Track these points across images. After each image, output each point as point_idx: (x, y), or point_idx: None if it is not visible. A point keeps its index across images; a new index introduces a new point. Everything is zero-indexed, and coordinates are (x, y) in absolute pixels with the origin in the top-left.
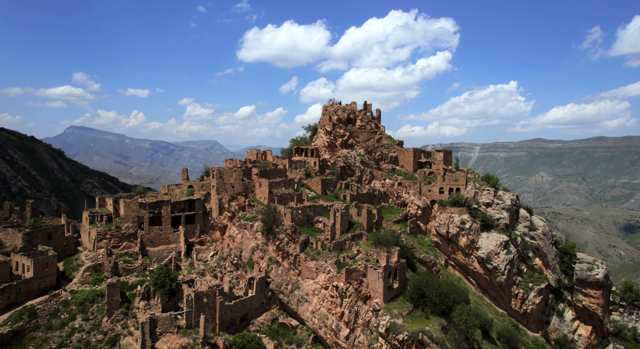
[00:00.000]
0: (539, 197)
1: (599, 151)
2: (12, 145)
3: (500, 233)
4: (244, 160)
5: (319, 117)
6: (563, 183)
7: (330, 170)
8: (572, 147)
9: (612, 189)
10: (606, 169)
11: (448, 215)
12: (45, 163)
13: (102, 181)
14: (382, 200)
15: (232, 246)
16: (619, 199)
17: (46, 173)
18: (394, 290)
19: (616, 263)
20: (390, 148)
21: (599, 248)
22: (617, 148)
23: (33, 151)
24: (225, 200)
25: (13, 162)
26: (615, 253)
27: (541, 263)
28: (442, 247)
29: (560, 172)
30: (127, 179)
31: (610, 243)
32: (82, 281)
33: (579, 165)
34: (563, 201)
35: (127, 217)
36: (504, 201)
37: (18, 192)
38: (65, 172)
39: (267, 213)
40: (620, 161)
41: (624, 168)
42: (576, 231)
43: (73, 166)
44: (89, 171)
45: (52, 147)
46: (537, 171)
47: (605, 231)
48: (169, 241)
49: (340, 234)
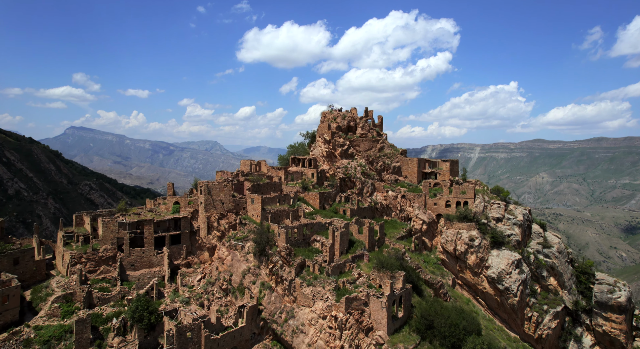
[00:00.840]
0: (540, 198)
1: (599, 152)
2: (9, 147)
3: (511, 250)
4: (236, 173)
5: (319, 117)
6: (563, 184)
7: (329, 181)
8: (572, 148)
9: (613, 190)
10: (607, 170)
11: (455, 230)
12: (43, 165)
13: (100, 183)
14: (385, 213)
15: (221, 269)
16: (619, 200)
17: (43, 175)
18: (398, 320)
19: (617, 265)
20: (393, 157)
21: (600, 250)
22: (617, 149)
23: (30, 153)
24: (214, 217)
25: (10, 163)
26: (617, 255)
27: (556, 283)
28: (449, 265)
29: (560, 172)
30: (127, 180)
31: (611, 245)
32: (50, 315)
33: (579, 166)
34: (564, 202)
35: (105, 238)
36: (516, 216)
37: (15, 194)
38: (62, 174)
39: (260, 232)
40: (621, 162)
41: (624, 169)
42: (577, 233)
43: (71, 168)
44: (87, 173)
45: (50, 148)
46: (537, 172)
47: (607, 233)
48: (152, 264)
49: (339, 255)
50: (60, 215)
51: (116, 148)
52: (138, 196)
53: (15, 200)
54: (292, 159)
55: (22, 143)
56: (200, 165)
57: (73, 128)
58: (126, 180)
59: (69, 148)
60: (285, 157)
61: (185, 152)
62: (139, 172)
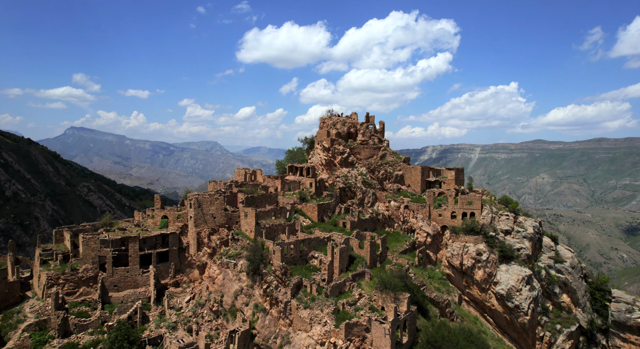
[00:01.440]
0: (540, 199)
1: (599, 152)
2: (7, 148)
3: (521, 265)
4: (229, 184)
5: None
6: (564, 184)
7: (328, 191)
8: (572, 149)
9: (614, 191)
10: (607, 170)
11: (462, 244)
12: (41, 167)
13: (99, 185)
14: (387, 224)
15: (212, 289)
16: (620, 201)
17: (41, 176)
18: (402, 346)
19: (618, 266)
20: (395, 165)
21: (601, 251)
22: (618, 150)
23: (28, 154)
24: (205, 233)
25: (7, 165)
26: (618, 256)
27: (569, 301)
28: (455, 280)
29: (561, 173)
30: (127, 180)
31: (612, 246)
32: (19, 345)
33: (579, 167)
34: (564, 203)
35: (85, 257)
36: (526, 228)
37: (12, 196)
38: (61, 176)
39: (254, 249)
40: (622, 162)
41: (625, 169)
42: (578, 234)
43: (69, 169)
44: (86, 174)
45: (50, 149)
46: (537, 172)
47: (607, 234)
48: (137, 284)
49: (339, 273)
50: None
51: (116, 148)
52: (137, 197)
53: (13, 202)
54: (290, 167)
55: (20, 144)
56: (200, 165)
57: (73, 129)
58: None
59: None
60: (283, 163)
61: (186, 152)
62: (139, 172)
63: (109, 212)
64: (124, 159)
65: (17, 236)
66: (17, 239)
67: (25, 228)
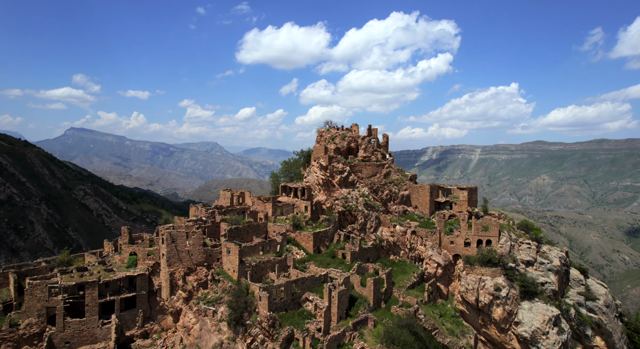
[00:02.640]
0: (541, 200)
1: (600, 153)
2: (2, 151)
3: (547, 303)
4: (212, 210)
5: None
6: (565, 186)
7: (325, 216)
8: (573, 149)
9: (615, 192)
10: (608, 172)
11: (477, 277)
12: (36, 169)
13: (95, 188)
14: (392, 251)
15: (187, 342)
16: (621, 202)
17: (36, 179)
18: None
19: (620, 269)
20: (401, 184)
21: (603, 253)
22: (618, 151)
23: (23, 156)
24: (180, 274)
25: (2, 168)
26: (620, 258)
27: (604, 345)
28: (470, 318)
29: (561, 174)
30: (127, 181)
31: (614, 248)
32: None
33: (580, 168)
34: (565, 205)
35: (29, 309)
36: (551, 260)
37: (6, 200)
38: (56, 178)
39: (237, 294)
40: (622, 163)
41: (626, 170)
42: (579, 236)
43: (66, 171)
44: (83, 176)
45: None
46: (538, 173)
47: (609, 236)
48: (95, 339)
49: (337, 321)
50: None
51: (116, 149)
52: (134, 200)
53: (7, 206)
54: (283, 187)
55: (16, 146)
56: (200, 166)
57: (73, 130)
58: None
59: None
60: (279, 175)
61: (186, 153)
62: (139, 173)
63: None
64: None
65: (11, 241)
66: (11, 244)
67: (19, 233)
